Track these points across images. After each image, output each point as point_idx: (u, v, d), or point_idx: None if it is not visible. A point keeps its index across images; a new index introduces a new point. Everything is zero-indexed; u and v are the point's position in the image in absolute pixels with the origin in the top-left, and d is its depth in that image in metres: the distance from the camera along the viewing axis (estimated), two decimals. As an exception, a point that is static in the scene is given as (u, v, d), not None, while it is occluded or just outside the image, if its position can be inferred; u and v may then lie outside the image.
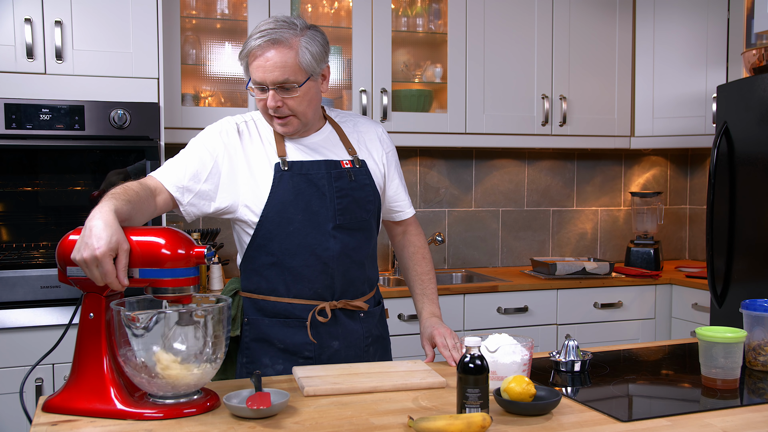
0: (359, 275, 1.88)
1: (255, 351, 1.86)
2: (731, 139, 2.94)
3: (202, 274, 3.05)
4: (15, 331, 2.54)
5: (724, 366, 1.63)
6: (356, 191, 1.85)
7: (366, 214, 1.87)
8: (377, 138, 1.97)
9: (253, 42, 1.72)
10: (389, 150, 1.99)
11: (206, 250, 1.49)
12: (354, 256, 1.85)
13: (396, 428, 1.37)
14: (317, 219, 1.80)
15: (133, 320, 1.42)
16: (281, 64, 1.70)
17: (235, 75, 3.25)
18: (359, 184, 1.86)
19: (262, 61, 1.71)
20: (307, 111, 1.79)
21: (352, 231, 1.85)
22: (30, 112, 2.55)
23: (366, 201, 1.86)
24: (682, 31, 3.66)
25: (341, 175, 1.83)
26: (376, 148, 1.95)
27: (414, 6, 3.49)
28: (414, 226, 2.08)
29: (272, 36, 1.70)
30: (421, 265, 2.02)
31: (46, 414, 1.46)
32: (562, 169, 4.05)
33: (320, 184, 1.81)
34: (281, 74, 1.71)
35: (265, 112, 1.79)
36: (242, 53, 1.76)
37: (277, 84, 1.72)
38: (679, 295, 3.50)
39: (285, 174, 1.79)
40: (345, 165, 1.85)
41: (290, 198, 1.78)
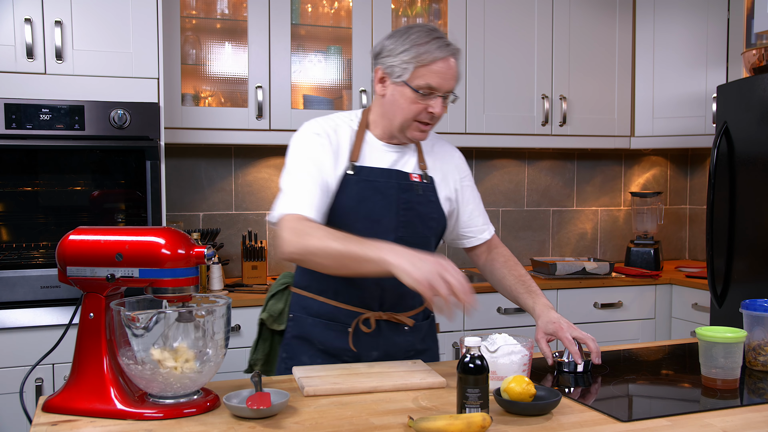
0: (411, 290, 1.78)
1: (295, 348, 1.87)
2: (731, 139, 2.94)
3: (202, 274, 3.05)
4: (15, 331, 2.54)
5: (724, 366, 1.63)
6: (422, 206, 1.84)
7: (428, 231, 1.86)
8: (454, 162, 1.96)
9: (437, 51, 1.71)
10: (465, 175, 1.98)
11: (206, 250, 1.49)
12: None
13: (396, 428, 1.37)
14: (378, 228, 1.77)
15: (133, 320, 1.42)
16: (457, 74, 1.77)
17: (235, 75, 3.25)
18: (426, 199, 1.85)
19: (444, 68, 1.72)
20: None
21: (411, 245, 1.76)
22: (30, 112, 2.55)
23: (429, 218, 1.85)
24: (682, 31, 3.66)
25: (410, 188, 1.82)
26: (451, 172, 1.94)
27: (414, 6, 3.49)
28: (497, 242, 2.04)
29: (454, 49, 1.75)
30: (517, 269, 1.97)
31: (46, 414, 1.46)
32: (562, 169, 4.05)
33: (388, 193, 1.80)
34: (455, 83, 1.77)
35: (414, 117, 1.76)
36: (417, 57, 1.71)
37: (449, 91, 1.76)
38: (679, 295, 3.50)
39: (351, 179, 1.78)
40: (414, 178, 1.84)
41: (352, 204, 1.77)
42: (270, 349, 1.99)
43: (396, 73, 1.74)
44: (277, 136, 3.17)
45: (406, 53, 1.72)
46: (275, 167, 3.52)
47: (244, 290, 3.04)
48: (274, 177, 3.52)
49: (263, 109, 3.12)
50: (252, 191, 3.50)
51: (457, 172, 1.95)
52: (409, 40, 1.73)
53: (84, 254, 1.48)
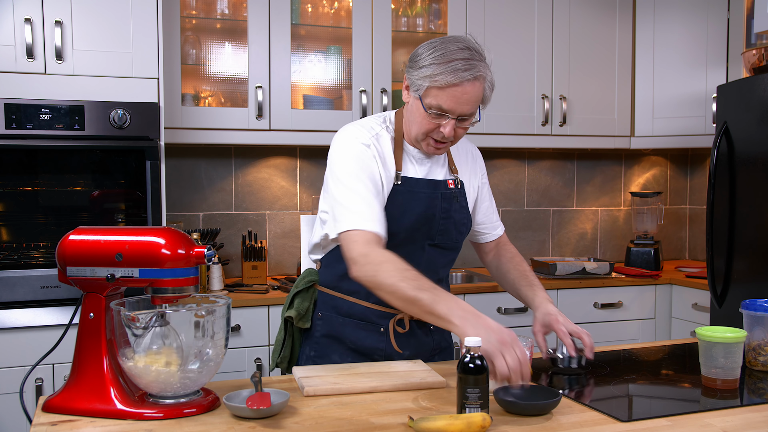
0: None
1: (325, 346, 1.88)
2: (731, 139, 2.94)
3: (202, 274, 3.05)
4: (15, 331, 2.54)
5: (724, 366, 1.63)
6: (457, 213, 1.87)
7: (460, 236, 1.90)
8: (473, 159, 1.98)
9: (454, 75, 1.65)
10: (483, 172, 2.01)
11: (206, 250, 1.49)
12: (440, 273, 1.90)
13: (396, 428, 1.37)
14: (416, 236, 1.82)
15: (133, 320, 1.42)
16: (475, 99, 1.69)
17: (235, 75, 3.25)
18: (460, 206, 1.89)
19: (459, 93, 1.67)
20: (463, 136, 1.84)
21: (444, 250, 1.88)
22: (30, 112, 2.55)
23: (462, 224, 1.89)
24: (682, 31, 3.66)
25: (449, 197, 1.85)
26: (473, 170, 1.97)
27: (414, 6, 3.49)
28: (506, 240, 2.07)
29: (476, 72, 1.67)
30: (522, 265, 1.99)
31: (46, 414, 1.46)
32: (562, 169, 4.05)
33: (432, 204, 1.82)
34: (471, 108, 1.70)
35: (426, 134, 1.75)
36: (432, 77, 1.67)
37: (463, 115, 1.71)
38: (679, 295, 3.50)
39: (398, 189, 1.79)
40: (450, 185, 1.86)
41: (397, 214, 1.78)
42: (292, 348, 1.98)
43: (414, 86, 1.73)
44: (277, 136, 3.17)
45: (425, 69, 1.68)
46: (275, 167, 3.52)
47: (244, 290, 3.04)
48: (274, 177, 3.52)
49: (263, 109, 3.12)
50: (252, 191, 3.50)
51: (479, 172, 1.99)
52: (433, 56, 1.68)
53: (84, 254, 1.48)
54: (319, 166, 3.58)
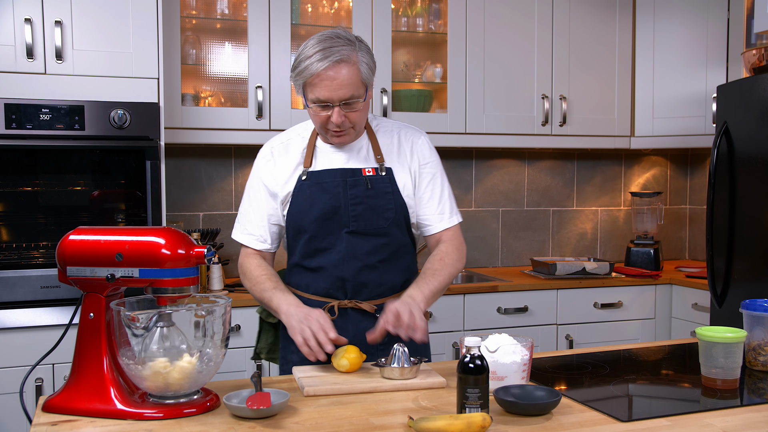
0: (373, 278, 1.91)
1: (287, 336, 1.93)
2: (731, 139, 2.94)
3: (202, 274, 3.05)
4: (15, 331, 2.54)
5: (724, 366, 1.63)
6: (373, 199, 1.89)
7: (383, 221, 1.90)
8: (415, 149, 1.95)
9: (316, 64, 1.73)
10: (426, 162, 1.95)
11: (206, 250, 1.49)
12: (366, 260, 1.90)
13: (396, 428, 1.37)
14: (331, 225, 1.89)
15: (133, 320, 1.42)
16: (348, 82, 1.75)
17: (235, 75, 3.25)
18: (378, 192, 1.89)
19: (327, 81, 1.74)
20: (363, 121, 1.88)
21: (368, 236, 1.90)
22: (30, 112, 2.55)
23: (384, 209, 1.89)
24: (682, 31, 3.66)
25: (357, 183, 1.89)
26: (403, 158, 1.94)
27: (414, 6, 3.49)
28: (449, 239, 1.96)
29: (337, 57, 1.73)
30: (431, 262, 1.92)
31: (46, 414, 1.46)
32: (562, 169, 4.05)
33: (335, 191, 1.88)
34: (348, 91, 1.76)
35: (322, 127, 1.84)
36: (300, 74, 1.77)
37: (343, 101, 1.77)
38: (679, 295, 3.50)
39: (303, 184, 1.89)
40: (367, 173, 1.89)
41: (306, 207, 1.89)
42: (274, 338, 2.10)
43: (297, 89, 1.83)
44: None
45: (295, 71, 1.79)
46: (275, 167, 3.52)
47: (244, 290, 3.04)
48: (274, 177, 3.52)
49: (263, 109, 3.12)
50: (252, 191, 3.50)
51: (416, 159, 1.94)
52: (298, 58, 1.78)
53: (84, 254, 1.48)
54: (319, 166, 3.57)
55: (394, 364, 1.65)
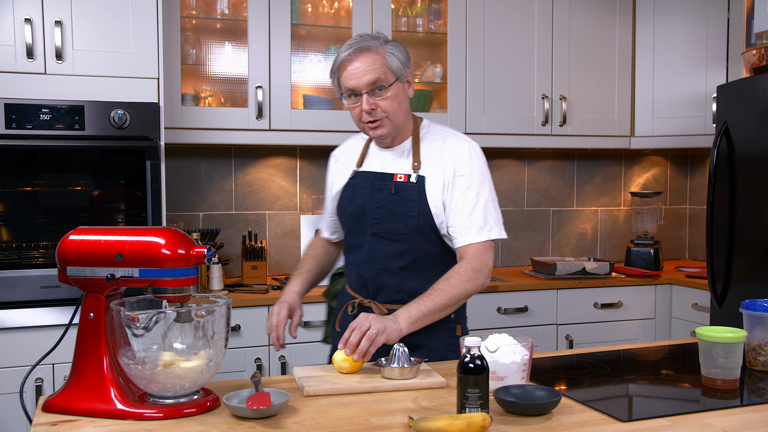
0: (391, 283, 1.92)
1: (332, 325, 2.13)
2: (731, 139, 2.94)
3: (202, 274, 3.05)
4: (15, 331, 2.54)
5: (724, 366, 1.63)
6: (396, 205, 1.90)
7: (404, 227, 1.89)
8: (452, 159, 1.90)
9: (342, 55, 1.86)
10: (461, 174, 1.90)
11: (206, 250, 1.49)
12: (385, 264, 1.92)
13: (396, 428, 1.37)
14: (360, 225, 1.97)
15: (133, 320, 1.42)
16: (372, 68, 1.83)
17: (235, 75, 3.25)
18: (402, 198, 1.89)
19: (352, 69, 1.84)
20: (398, 113, 1.89)
21: (389, 241, 1.92)
22: (30, 112, 2.55)
23: (407, 216, 1.89)
24: (682, 31, 3.66)
25: (384, 188, 1.92)
26: (447, 169, 1.90)
27: (414, 6, 3.49)
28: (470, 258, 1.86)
29: (359, 45, 1.85)
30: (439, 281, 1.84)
31: (46, 414, 1.46)
32: (562, 169, 4.05)
33: (363, 194, 1.96)
34: (372, 76, 1.83)
35: (359, 120, 1.90)
36: (333, 69, 1.90)
37: (369, 86, 1.84)
38: (679, 295, 3.50)
39: (349, 183, 2.02)
40: (398, 179, 1.91)
41: (344, 205, 2.01)
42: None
43: (336, 90, 1.95)
44: (277, 136, 3.17)
45: (332, 69, 1.91)
46: (275, 167, 3.52)
47: (244, 290, 3.04)
48: (274, 177, 3.52)
49: (263, 109, 3.12)
50: (252, 191, 3.50)
51: (452, 169, 1.90)
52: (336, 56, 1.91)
53: (84, 254, 1.48)
54: (319, 167, 3.58)
55: (394, 364, 1.65)
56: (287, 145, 3.48)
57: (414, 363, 1.67)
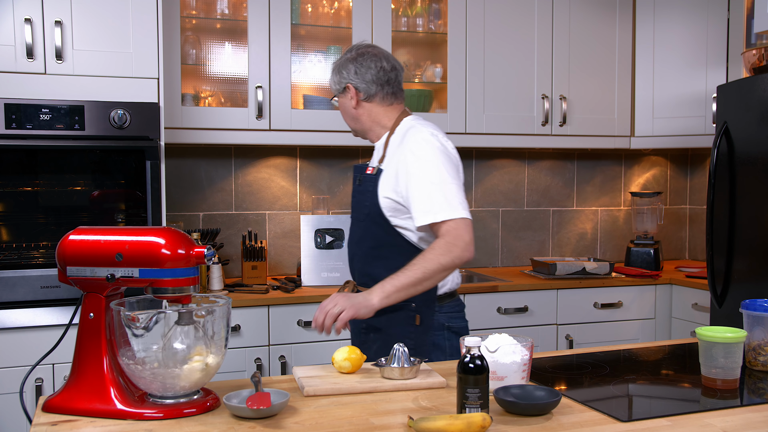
0: (359, 266, 2.17)
1: None
2: (731, 139, 2.94)
3: (202, 274, 3.05)
4: (15, 331, 2.54)
5: (724, 366, 1.63)
6: (358, 194, 2.17)
7: (361, 215, 2.14)
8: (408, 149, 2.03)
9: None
10: (416, 160, 2.00)
11: (206, 250, 1.49)
12: (355, 248, 2.18)
13: (396, 428, 1.37)
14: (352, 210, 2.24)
15: (133, 320, 1.42)
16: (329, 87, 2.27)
17: (235, 75, 3.25)
18: (364, 188, 2.13)
19: None
20: (349, 120, 2.22)
21: (358, 227, 2.17)
22: (30, 112, 2.55)
23: (362, 204, 2.13)
24: (682, 31, 3.66)
25: (356, 179, 2.19)
26: (402, 159, 2.03)
27: (414, 6, 3.49)
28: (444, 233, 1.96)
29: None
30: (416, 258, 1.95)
31: (46, 414, 1.46)
32: (562, 169, 4.05)
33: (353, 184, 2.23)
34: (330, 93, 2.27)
35: None
36: None
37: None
38: (679, 295, 3.50)
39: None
40: (368, 171, 2.15)
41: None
42: None
43: None
44: (277, 136, 3.17)
45: None
46: (275, 167, 3.52)
47: (244, 290, 3.04)
48: (274, 177, 3.52)
49: (263, 109, 3.12)
50: (252, 191, 3.50)
51: (405, 159, 2.02)
52: None
53: (84, 254, 1.48)
54: (319, 166, 3.58)
55: (394, 364, 1.66)
56: (287, 145, 3.48)
57: (414, 363, 1.67)
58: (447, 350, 2.09)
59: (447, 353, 2.09)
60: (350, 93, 2.15)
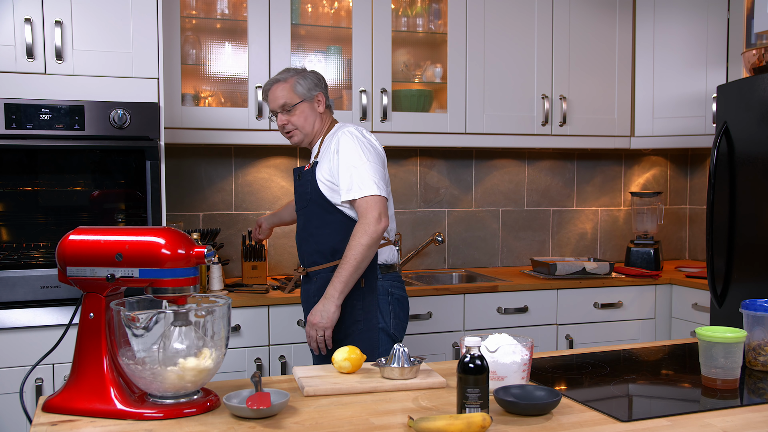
0: (306, 248, 2.45)
1: None
2: (731, 139, 2.94)
3: (202, 274, 3.05)
4: (15, 331, 2.54)
5: (724, 366, 1.63)
6: (300, 186, 2.46)
7: (305, 202, 2.44)
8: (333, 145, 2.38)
9: (263, 87, 2.54)
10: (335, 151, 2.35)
11: (206, 250, 1.49)
12: (302, 234, 2.46)
13: (396, 428, 1.37)
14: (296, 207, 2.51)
15: (133, 320, 1.42)
16: (281, 95, 2.44)
17: (235, 75, 3.25)
18: (304, 180, 2.44)
19: (270, 97, 2.47)
20: (306, 125, 2.46)
21: (301, 216, 2.46)
22: (30, 112, 2.55)
23: (304, 192, 2.44)
24: (682, 31, 3.66)
25: (296, 177, 2.49)
26: (330, 153, 2.38)
27: (414, 6, 3.49)
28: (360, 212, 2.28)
29: (273, 79, 2.48)
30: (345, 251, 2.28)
31: (46, 414, 1.46)
32: (562, 169, 4.05)
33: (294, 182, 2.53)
34: (281, 101, 2.44)
35: (282, 132, 2.51)
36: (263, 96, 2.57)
37: (280, 108, 2.45)
38: (679, 295, 3.50)
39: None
40: (306, 168, 2.46)
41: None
42: None
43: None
44: (277, 136, 3.17)
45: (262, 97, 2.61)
46: (275, 167, 3.52)
47: (244, 290, 3.04)
48: (274, 177, 3.52)
49: (263, 109, 3.12)
50: (252, 191, 3.50)
51: (333, 152, 2.36)
52: None
53: (84, 254, 1.48)
54: (319, 166, 3.58)
55: (394, 364, 1.66)
56: (287, 145, 3.48)
57: (414, 363, 1.67)
58: (390, 313, 2.38)
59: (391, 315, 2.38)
60: (318, 99, 2.45)
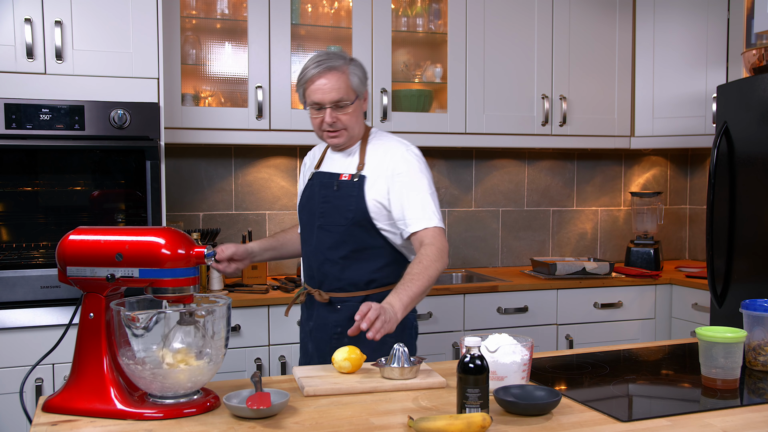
0: (333, 272, 2.11)
1: None
2: (731, 139, 2.94)
3: (202, 274, 3.05)
4: (15, 331, 2.54)
5: (724, 366, 1.63)
6: (338, 200, 2.10)
7: (344, 220, 2.09)
8: (390, 161, 2.10)
9: (311, 70, 2.04)
10: (399, 172, 2.08)
11: (206, 250, 1.49)
12: (328, 254, 2.11)
13: (396, 428, 1.37)
14: (310, 217, 2.17)
15: (133, 320, 1.42)
16: (336, 87, 2.04)
17: (235, 75, 3.25)
18: (343, 194, 2.10)
19: (319, 85, 2.04)
20: (355, 126, 2.12)
21: (332, 233, 2.10)
22: (30, 112, 2.55)
23: (345, 209, 2.09)
24: (682, 31, 3.66)
25: (329, 185, 2.13)
26: (385, 169, 2.09)
27: (414, 6, 3.49)
28: (429, 240, 2.02)
29: (327, 64, 2.04)
30: (412, 266, 1.98)
31: (46, 414, 1.46)
32: (562, 169, 4.05)
33: (314, 191, 2.17)
34: (337, 95, 2.04)
35: (319, 128, 2.11)
36: (300, 81, 2.08)
37: (333, 102, 2.04)
38: (679, 295, 3.50)
39: (308, 183, 2.23)
40: (343, 177, 2.12)
41: (303, 202, 2.22)
42: None
43: (300, 98, 2.12)
44: (277, 136, 3.17)
45: (299, 80, 2.09)
46: (275, 167, 3.52)
47: (244, 290, 3.04)
48: (274, 177, 3.52)
49: (263, 109, 3.12)
50: (252, 191, 3.50)
51: (390, 170, 2.09)
52: (303, 67, 2.08)
53: (84, 254, 1.48)
54: (319, 166, 3.58)
55: (394, 364, 1.66)
56: (287, 145, 3.48)
57: (414, 363, 1.67)
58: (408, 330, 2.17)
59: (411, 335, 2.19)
60: (365, 98, 2.16)
